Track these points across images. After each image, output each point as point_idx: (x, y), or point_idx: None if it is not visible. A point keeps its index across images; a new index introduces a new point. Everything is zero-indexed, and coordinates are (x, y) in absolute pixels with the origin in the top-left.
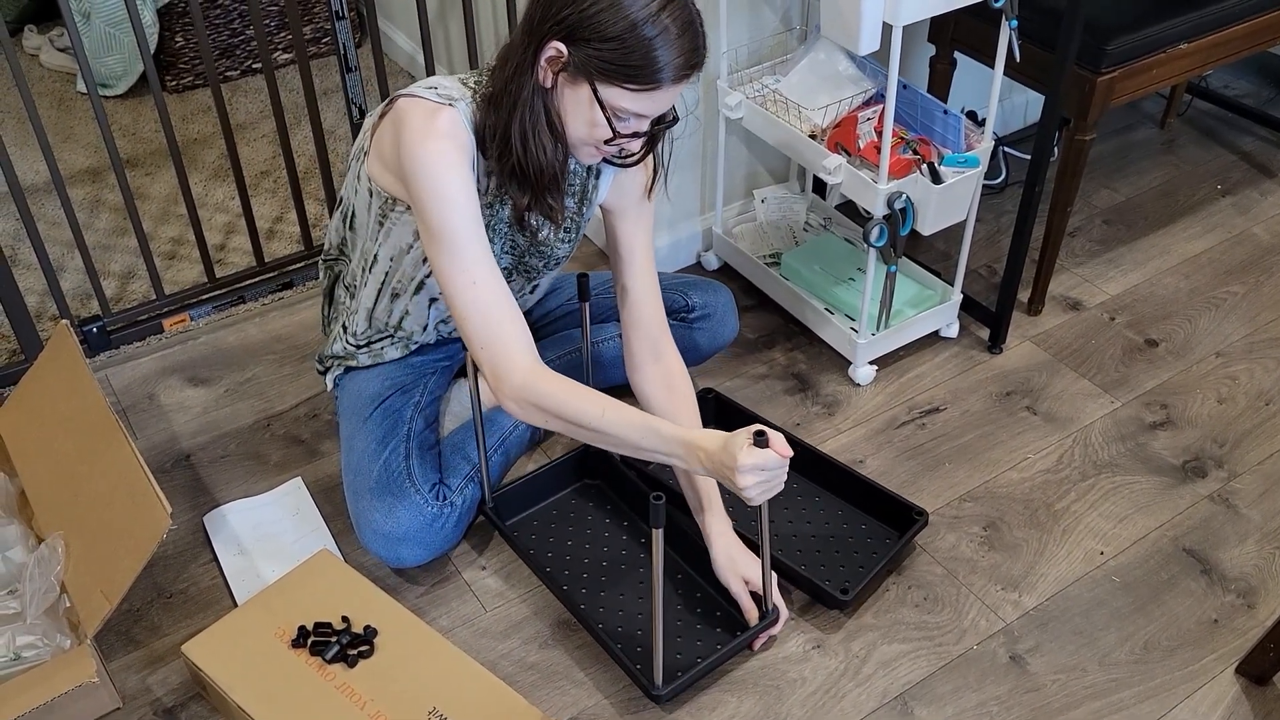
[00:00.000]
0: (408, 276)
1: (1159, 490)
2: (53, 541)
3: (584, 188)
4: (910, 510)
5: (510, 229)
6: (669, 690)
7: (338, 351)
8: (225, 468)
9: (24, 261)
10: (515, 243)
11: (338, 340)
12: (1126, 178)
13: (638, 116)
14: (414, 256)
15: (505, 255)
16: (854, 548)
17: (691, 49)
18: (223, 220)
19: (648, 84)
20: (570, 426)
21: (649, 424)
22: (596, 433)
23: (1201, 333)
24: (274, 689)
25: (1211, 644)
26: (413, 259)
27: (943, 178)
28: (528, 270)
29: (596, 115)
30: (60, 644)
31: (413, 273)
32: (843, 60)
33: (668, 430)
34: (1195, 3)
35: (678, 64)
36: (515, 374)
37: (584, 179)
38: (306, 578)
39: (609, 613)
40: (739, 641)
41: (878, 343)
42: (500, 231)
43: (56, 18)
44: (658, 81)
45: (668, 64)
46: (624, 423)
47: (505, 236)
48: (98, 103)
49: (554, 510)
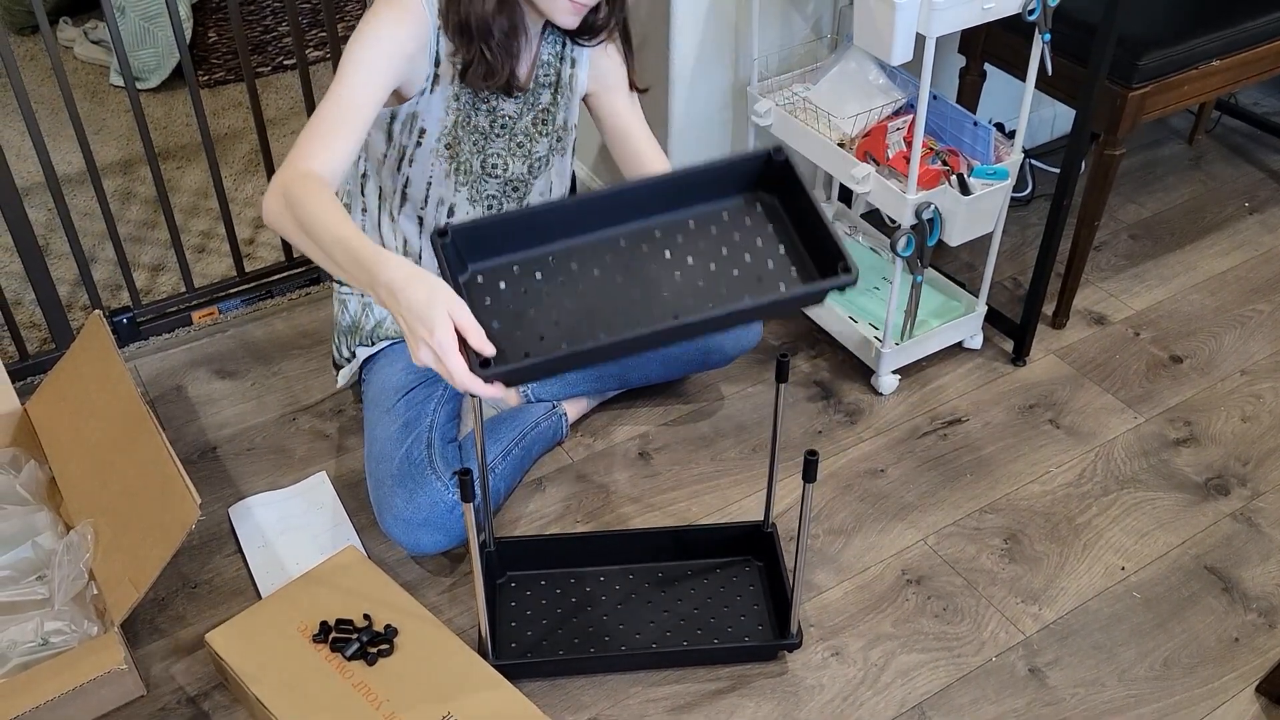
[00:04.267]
0: (389, 190)
1: (1181, 507)
2: (82, 529)
3: (558, 76)
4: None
5: (484, 138)
6: None
7: (347, 322)
8: (251, 460)
9: (56, 251)
10: (492, 152)
11: (351, 298)
12: (1153, 193)
13: None
14: (389, 165)
15: (487, 176)
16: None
17: None
18: (252, 215)
19: None
20: (294, 221)
21: (348, 237)
22: (306, 226)
23: (1227, 350)
24: (293, 683)
25: (1232, 662)
26: (389, 168)
27: (971, 189)
28: (514, 185)
29: None
30: (88, 631)
31: (393, 184)
32: (873, 70)
33: (363, 249)
34: (1228, 20)
35: None
36: (294, 167)
37: (558, 67)
38: (331, 573)
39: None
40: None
41: (901, 352)
42: (475, 140)
43: (91, 10)
44: None
45: None
46: (329, 226)
47: (481, 147)
48: (134, 96)
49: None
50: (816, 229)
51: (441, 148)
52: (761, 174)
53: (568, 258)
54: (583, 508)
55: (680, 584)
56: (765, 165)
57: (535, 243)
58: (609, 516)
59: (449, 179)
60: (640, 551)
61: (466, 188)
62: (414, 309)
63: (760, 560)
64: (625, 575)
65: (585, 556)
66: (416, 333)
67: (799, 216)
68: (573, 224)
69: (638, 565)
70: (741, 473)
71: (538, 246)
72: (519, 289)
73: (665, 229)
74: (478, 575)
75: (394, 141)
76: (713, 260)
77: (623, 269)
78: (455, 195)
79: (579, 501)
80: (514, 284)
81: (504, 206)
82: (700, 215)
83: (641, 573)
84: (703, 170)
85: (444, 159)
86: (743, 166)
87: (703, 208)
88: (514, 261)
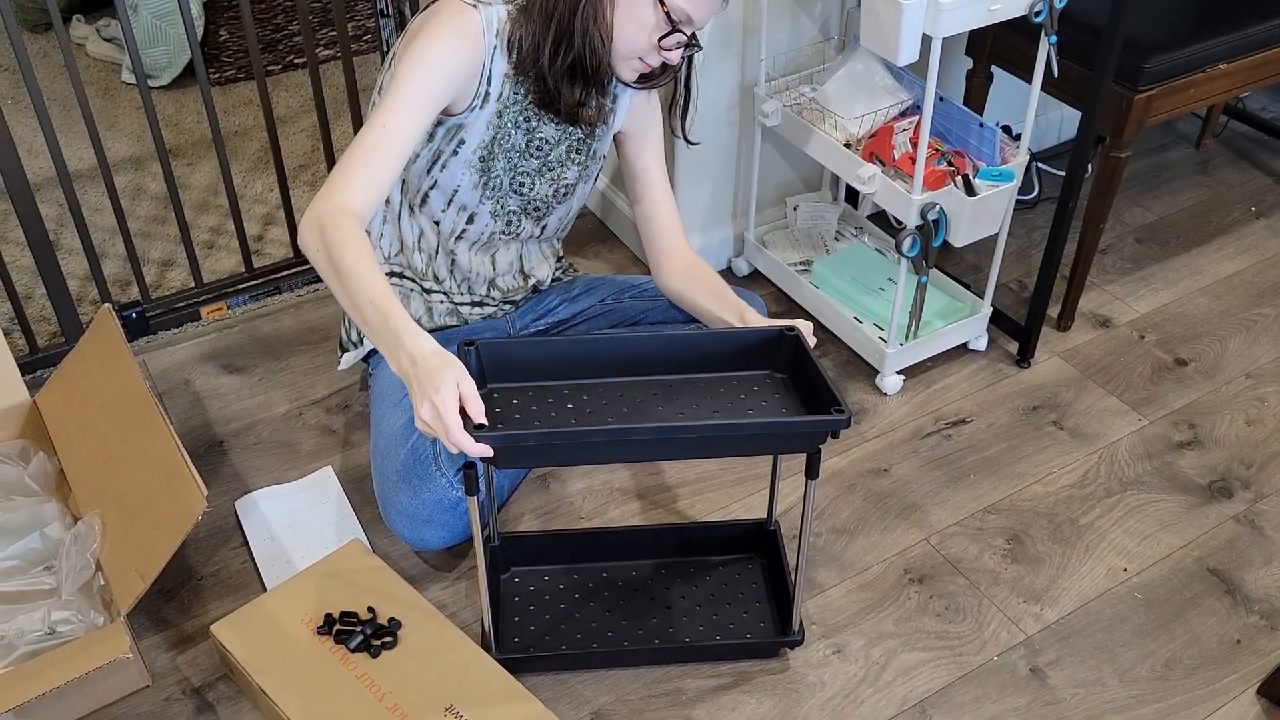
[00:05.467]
0: (413, 186)
1: (1184, 509)
2: (89, 520)
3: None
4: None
5: (519, 156)
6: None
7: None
8: (257, 454)
9: (67, 246)
10: (523, 171)
11: None
12: (1160, 196)
13: (688, 23)
14: (419, 166)
15: (512, 192)
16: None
17: None
18: (261, 211)
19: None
20: (328, 262)
21: (383, 302)
22: (341, 276)
23: (1232, 354)
24: (297, 674)
25: (1233, 664)
26: (419, 167)
27: (977, 191)
28: (537, 207)
29: (653, 15)
30: (94, 621)
31: (418, 184)
32: (880, 71)
33: (395, 318)
34: (1236, 23)
35: None
36: (332, 199)
37: (600, 101)
38: (335, 566)
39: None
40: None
41: (906, 353)
42: (510, 157)
43: (103, 8)
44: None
45: None
46: (366, 284)
47: (514, 165)
48: (145, 93)
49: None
50: (820, 389)
51: (476, 160)
52: (776, 350)
53: (581, 392)
54: (587, 504)
55: (683, 580)
56: (778, 341)
57: (554, 375)
58: (613, 513)
59: (475, 190)
60: (643, 548)
61: (491, 201)
62: (428, 372)
63: (763, 558)
64: (628, 571)
65: (589, 552)
66: (424, 391)
67: (807, 389)
68: (590, 366)
69: (641, 561)
70: (745, 471)
71: (556, 379)
72: (530, 408)
73: (678, 384)
74: (481, 570)
75: (433, 144)
76: (716, 410)
77: (632, 408)
78: (479, 206)
79: (583, 498)
80: (526, 404)
81: (522, 224)
82: (712, 378)
83: (644, 569)
84: (723, 339)
85: (475, 171)
86: (760, 344)
87: (717, 374)
88: (530, 388)
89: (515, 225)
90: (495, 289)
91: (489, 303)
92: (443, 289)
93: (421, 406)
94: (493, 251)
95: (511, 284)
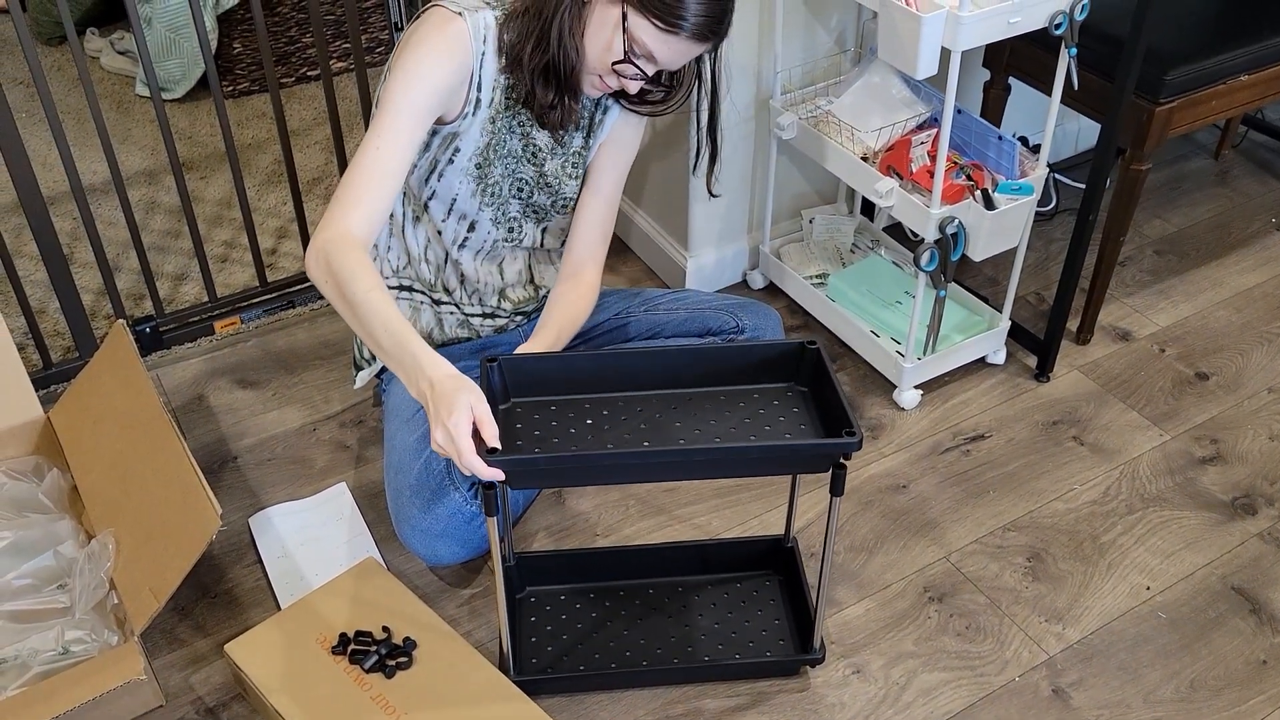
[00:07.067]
0: (413, 196)
1: (1208, 526)
2: (103, 538)
3: (591, 120)
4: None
5: (517, 162)
6: None
7: None
8: (271, 470)
9: (81, 260)
10: (521, 177)
11: None
12: (1179, 208)
13: (649, 59)
14: (418, 175)
15: (512, 197)
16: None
17: (719, 15)
18: (275, 225)
19: (671, 26)
20: (339, 293)
21: (397, 328)
22: (355, 308)
23: (1254, 367)
24: (312, 695)
25: (1259, 685)
26: (417, 177)
27: (996, 204)
28: (536, 211)
29: (616, 40)
30: (108, 640)
31: (418, 193)
32: (897, 83)
33: (412, 343)
34: (1256, 35)
35: (701, 21)
36: (333, 228)
37: (591, 111)
38: (350, 585)
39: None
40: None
41: (924, 367)
42: (507, 164)
43: (117, 21)
44: (679, 27)
45: (694, 15)
46: (380, 312)
47: (511, 170)
48: (159, 106)
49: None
50: (835, 409)
51: (472, 168)
52: (797, 363)
53: (601, 406)
54: (602, 521)
55: (700, 599)
56: (800, 354)
57: (575, 390)
58: (628, 529)
59: (474, 198)
60: (660, 566)
61: (491, 208)
62: (443, 396)
63: (781, 575)
64: (645, 590)
65: (605, 571)
66: (439, 414)
67: (826, 404)
68: (611, 380)
69: (658, 580)
70: (763, 486)
71: (577, 394)
72: (550, 423)
73: (698, 398)
74: (500, 591)
75: (429, 154)
76: (734, 426)
77: (651, 423)
78: (479, 214)
79: (598, 513)
80: (547, 419)
81: (524, 229)
82: (733, 391)
83: (661, 587)
84: (744, 352)
85: (472, 179)
86: (781, 357)
87: (738, 386)
88: (552, 402)
89: (517, 233)
90: (506, 300)
91: (500, 314)
92: (453, 300)
93: (436, 430)
94: (499, 260)
95: (522, 295)
